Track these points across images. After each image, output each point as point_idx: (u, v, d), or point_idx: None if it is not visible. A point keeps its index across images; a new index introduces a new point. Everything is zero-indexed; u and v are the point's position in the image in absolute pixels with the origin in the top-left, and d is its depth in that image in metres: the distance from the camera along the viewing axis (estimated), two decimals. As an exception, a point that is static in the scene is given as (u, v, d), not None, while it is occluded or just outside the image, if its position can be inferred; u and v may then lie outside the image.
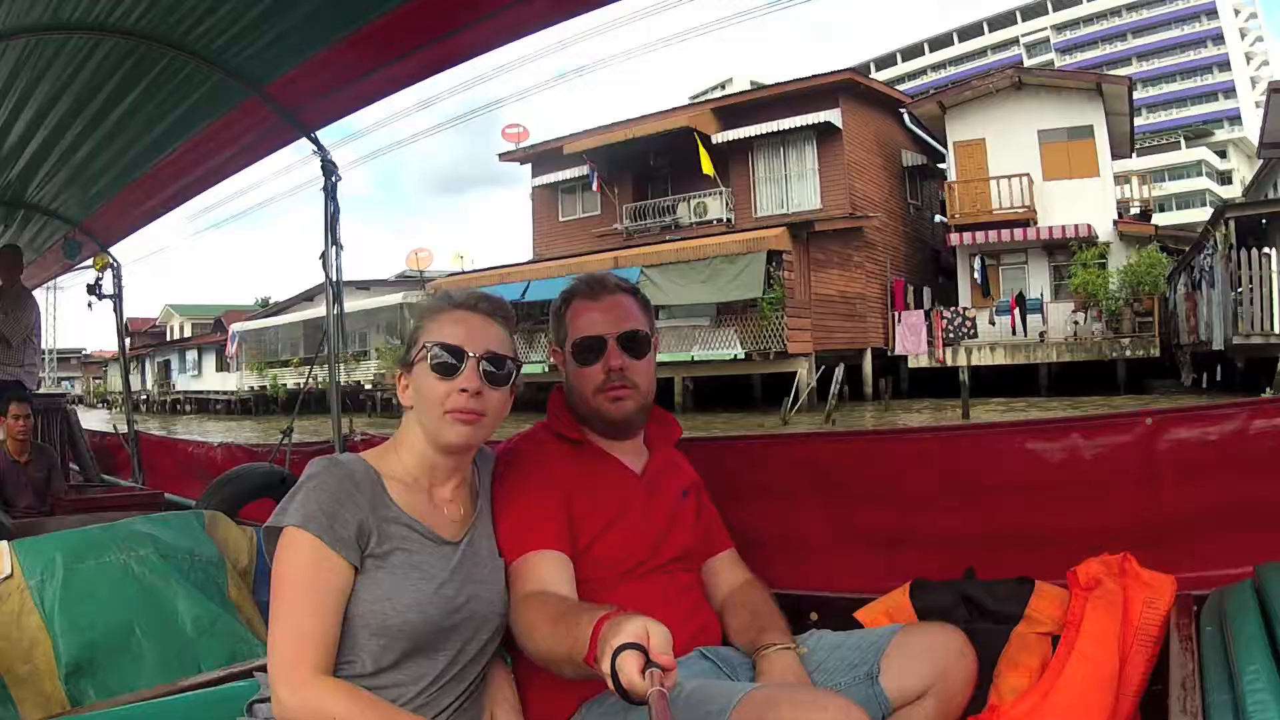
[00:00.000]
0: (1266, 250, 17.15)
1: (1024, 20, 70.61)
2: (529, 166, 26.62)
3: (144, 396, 40.15)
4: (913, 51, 77.01)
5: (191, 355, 39.88)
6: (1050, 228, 21.62)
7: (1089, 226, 21.28)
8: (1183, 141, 58.30)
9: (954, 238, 22.45)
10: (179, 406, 38.43)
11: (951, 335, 20.93)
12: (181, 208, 3.77)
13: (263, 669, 1.29)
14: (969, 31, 74.15)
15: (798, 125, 21.57)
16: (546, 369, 17.38)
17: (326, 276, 2.95)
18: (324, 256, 2.92)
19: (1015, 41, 70.89)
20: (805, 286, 20.00)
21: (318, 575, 1.21)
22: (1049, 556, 1.73)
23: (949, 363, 20.75)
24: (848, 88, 21.87)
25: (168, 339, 43.49)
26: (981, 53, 72.66)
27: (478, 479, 1.48)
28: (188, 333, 43.09)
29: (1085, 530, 1.77)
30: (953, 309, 21.56)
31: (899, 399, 20.85)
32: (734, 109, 22.77)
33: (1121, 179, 24.85)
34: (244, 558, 2.28)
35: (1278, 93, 24.33)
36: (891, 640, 1.50)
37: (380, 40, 2.14)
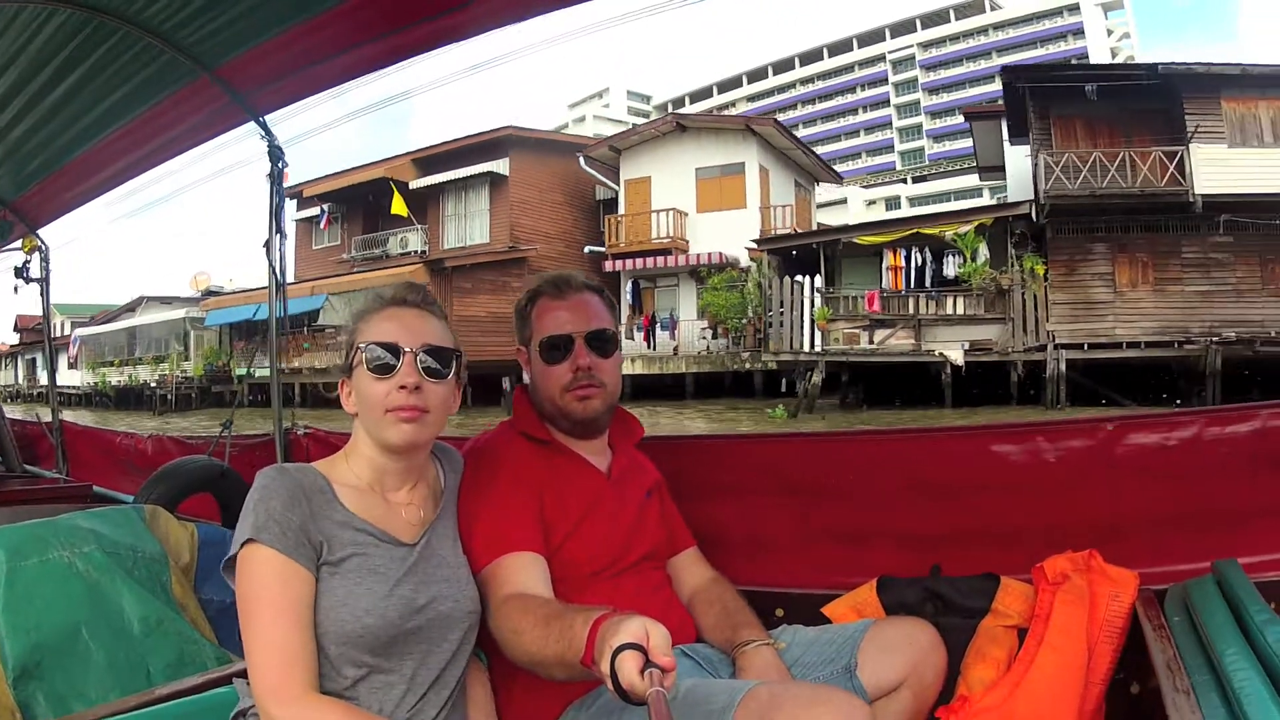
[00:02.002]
0: (799, 278, 20.57)
1: (892, 37, 72.49)
2: (294, 201, 30.62)
3: (15, 390, 44.52)
4: (784, 65, 78.37)
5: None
6: (689, 255, 24.59)
7: (721, 254, 24.00)
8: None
9: (610, 264, 25.42)
10: (43, 398, 43.09)
11: (597, 349, 24.79)
12: (105, 196, 3.62)
13: (240, 674, 1.28)
14: (839, 47, 76.12)
15: (474, 173, 25.26)
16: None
17: (270, 265, 2.84)
18: (268, 244, 2.82)
19: (882, 58, 72.19)
20: (446, 311, 24.29)
21: (287, 588, 1.17)
22: (1013, 555, 1.78)
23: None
24: (515, 140, 25.46)
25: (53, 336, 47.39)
26: (849, 68, 74.13)
27: (443, 481, 1.44)
28: (68, 331, 43.19)
29: (1048, 529, 1.81)
30: (600, 326, 25.29)
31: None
32: (430, 159, 26.32)
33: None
34: (186, 554, 2.17)
35: (972, 119, 27.27)
36: (865, 634, 1.53)
37: (338, 27, 2.11)
